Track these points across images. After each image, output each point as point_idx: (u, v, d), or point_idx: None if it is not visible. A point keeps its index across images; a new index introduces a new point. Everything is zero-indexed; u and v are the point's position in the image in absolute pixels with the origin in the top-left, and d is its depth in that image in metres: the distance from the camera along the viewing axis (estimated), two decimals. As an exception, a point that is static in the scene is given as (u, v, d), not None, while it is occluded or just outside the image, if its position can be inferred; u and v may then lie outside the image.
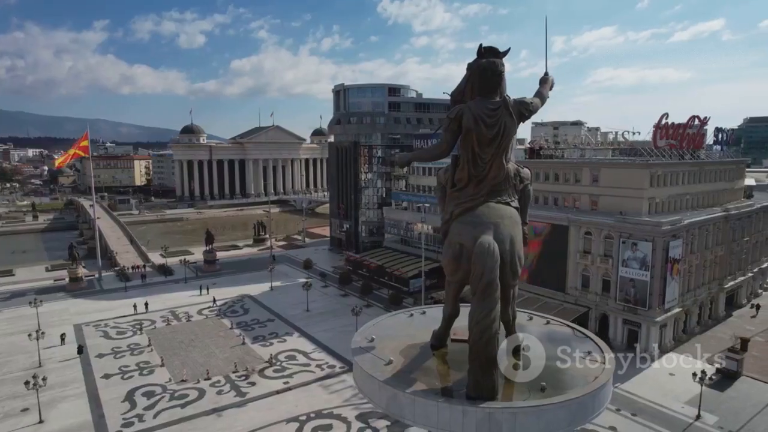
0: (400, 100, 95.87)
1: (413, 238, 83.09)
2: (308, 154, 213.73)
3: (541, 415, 13.95)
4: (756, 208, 62.79)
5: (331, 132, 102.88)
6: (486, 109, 15.14)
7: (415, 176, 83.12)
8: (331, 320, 61.02)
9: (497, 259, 14.17)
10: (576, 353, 16.75)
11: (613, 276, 51.23)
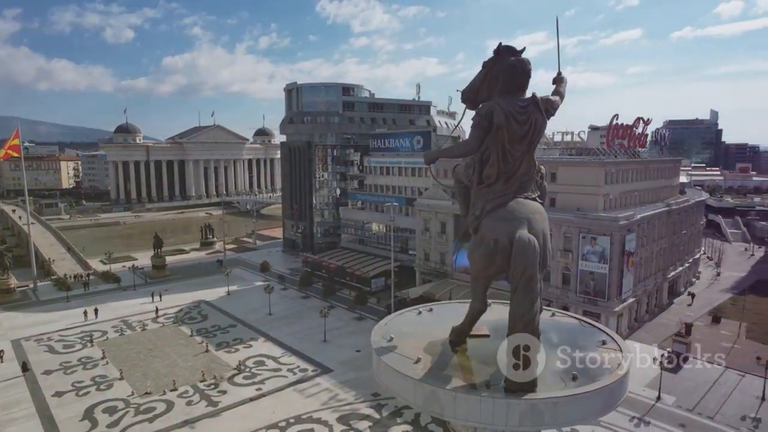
0: (354, 100, 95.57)
1: (371, 238, 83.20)
2: (251, 154, 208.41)
3: (579, 403, 14.28)
4: (691, 203, 67.91)
5: (283, 131, 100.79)
6: (516, 107, 15.33)
7: (372, 176, 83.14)
8: (295, 323, 59.81)
9: (538, 253, 14.44)
10: (590, 342, 17.36)
11: (573, 270, 53.65)
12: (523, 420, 14.61)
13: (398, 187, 78.75)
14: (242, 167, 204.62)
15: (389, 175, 79.80)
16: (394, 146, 78.74)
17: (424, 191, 72.76)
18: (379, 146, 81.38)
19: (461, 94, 18.33)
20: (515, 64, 15.68)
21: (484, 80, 17.13)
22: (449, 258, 66.52)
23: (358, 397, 41.69)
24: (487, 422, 15.04)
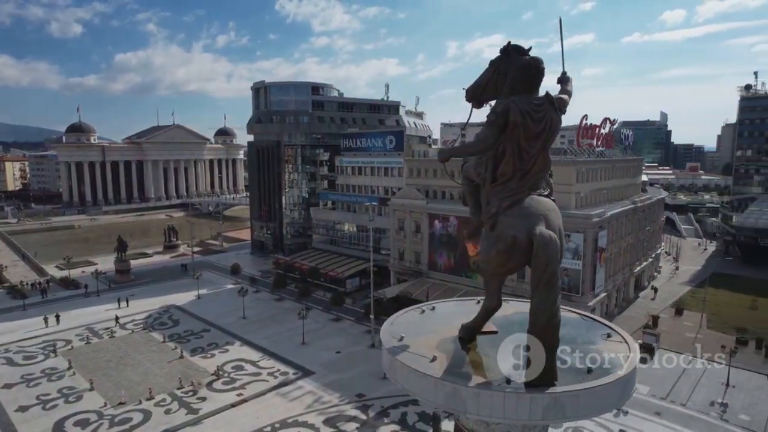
0: (324, 99, 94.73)
1: (343, 238, 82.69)
2: (213, 154, 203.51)
3: (599, 395, 14.57)
4: (654, 201, 70.85)
5: (251, 131, 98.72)
6: (532, 105, 15.46)
7: (344, 176, 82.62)
8: (271, 326, 58.71)
9: (559, 249, 14.65)
10: (596, 336, 17.76)
11: (547, 266, 54.87)
12: (547, 413, 14.77)
13: (371, 186, 78.55)
14: (203, 168, 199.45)
15: (361, 174, 79.47)
16: (366, 146, 78.48)
17: (397, 191, 72.89)
18: (350, 146, 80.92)
19: (466, 92, 18.33)
20: (530, 62, 15.81)
21: (491, 79, 17.22)
22: (424, 257, 66.94)
23: (343, 399, 41.28)
24: (512, 417, 15.14)
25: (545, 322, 14.28)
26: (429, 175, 68.55)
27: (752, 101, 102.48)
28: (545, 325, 14.28)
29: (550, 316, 14.35)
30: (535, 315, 14.47)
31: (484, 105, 18.60)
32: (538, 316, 14.40)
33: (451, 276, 63.47)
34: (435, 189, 67.70)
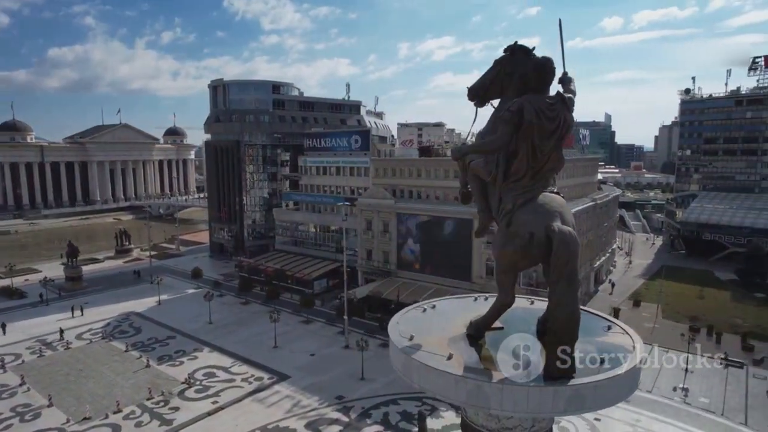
0: (285, 98, 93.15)
1: (308, 239, 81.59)
2: (162, 155, 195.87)
3: (614, 385, 15.03)
4: (610, 198, 74.07)
5: (208, 130, 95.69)
6: (545, 103, 15.72)
7: (308, 176, 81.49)
8: (240, 331, 57.07)
9: (578, 245, 14.98)
10: (597, 328, 18.33)
11: (515, 263, 56.23)
12: (568, 405, 15.08)
13: (336, 186, 77.91)
14: (153, 169, 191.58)
15: (326, 174, 78.66)
16: (330, 146, 77.73)
17: (364, 191, 72.67)
18: (314, 146, 79.91)
19: (468, 91, 18.46)
20: (543, 62, 16.06)
21: (496, 78, 17.41)
22: (393, 256, 67.05)
23: (323, 402, 40.66)
24: (534, 411, 15.37)
25: (566, 318, 14.54)
26: (396, 175, 68.73)
27: (691, 104, 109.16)
28: (566, 320, 14.53)
29: (571, 311, 14.64)
30: (556, 310, 14.71)
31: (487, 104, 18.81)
32: (558, 311, 14.64)
33: (421, 275, 63.91)
34: (402, 188, 67.94)
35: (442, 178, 64.49)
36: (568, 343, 14.48)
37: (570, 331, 14.50)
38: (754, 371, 46.14)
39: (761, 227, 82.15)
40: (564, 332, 14.44)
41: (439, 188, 64.81)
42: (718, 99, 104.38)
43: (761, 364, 47.85)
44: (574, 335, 14.68)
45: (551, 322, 14.68)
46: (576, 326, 14.71)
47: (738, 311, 62.04)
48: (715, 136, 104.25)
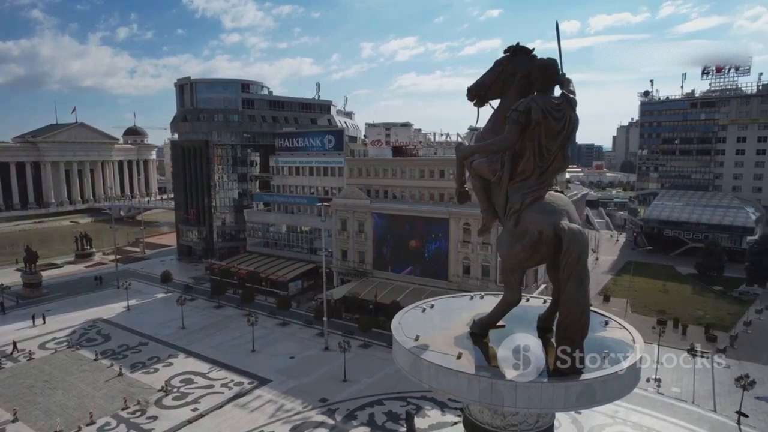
0: (255, 97, 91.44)
1: (281, 241, 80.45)
2: (122, 155, 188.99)
3: (621, 379, 15.44)
4: (579, 196, 76.16)
5: (175, 130, 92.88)
6: (552, 104, 15.99)
7: (280, 176, 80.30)
8: (215, 335, 55.68)
9: (588, 242, 15.30)
10: (595, 323, 18.74)
11: (492, 261, 57.12)
12: (580, 400, 15.43)
13: (310, 187, 77.12)
14: (112, 170, 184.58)
15: (299, 175, 77.72)
16: (303, 146, 76.85)
17: (338, 191, 72.22)
18: (286, 145, 78.83)
19: (468, 91, 18.64)
20: (548, 63, 16.32)
21: (497, 78, 17.61)
22: (369, 256, 66.89)
23: (306, 405, 40.13)
24: (547, 406, 15.62)
25: (579, 314, 14.84)
26: (371, 175, 68.60)
27: (650, 106, 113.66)
28: (578, 316, 14.84)
29: (583, 308, 14.99)
30: (568, 306, 14.98)
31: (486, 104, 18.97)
32: (570, 308, 14.92)
33: (397, 275, 64.00)
34: (377, 188, 67.87)
35: (417, 177, 64.78)
36: (579, 338, 14.83)
37: (582, 326, 14.84)
38: (718, 360, 48.35)
39: (717, 223, 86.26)
40: (576, 328, 14.74)
41: (414, 188, 65.07)
42: (674, 101, 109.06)
43: (724, 353, 50.23)
44: (585, 330, 15.04)
45: (563, 318, 14.93)
46: (587, 322, 15.07)
47: (699, 304, 64.93)
48: (672, 136, 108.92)
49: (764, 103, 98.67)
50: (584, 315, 14.85)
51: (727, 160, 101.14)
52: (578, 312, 14.72)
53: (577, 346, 14.73)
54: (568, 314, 14.83)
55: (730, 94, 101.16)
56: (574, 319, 14.70)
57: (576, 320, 14.72)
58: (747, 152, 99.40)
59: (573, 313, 14.72)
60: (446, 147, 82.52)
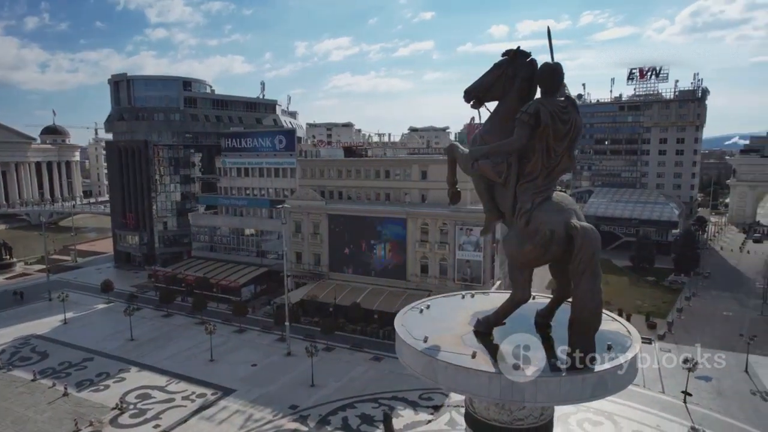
0: (197, 96, 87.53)
1: (230, 244, 77.72)
2: (40, 156, 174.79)
3: (628, 369, 16.26)
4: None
5: (110, 129, 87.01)
6: (558, 106, 16.54)
7: (228, 178, 77.49)
8: (168, 345, 52.77)
9: (600, 239, 15.96)
10: None
11: (450, 260, 58.23)
12: (595, 391, 16.11)
13: (260, 188, 74.98)
14: (28, 172, 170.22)
15: (249, 176, 75.38)
16: (252, 146, 74.56)
17: (290, 192, 70.79)
18: (234, 146, 76.16)
19: (466, 93, 18.90)
20: (555, 67, 16.84)
21: (497, 80, 17.99)
22: (324, 258, 66.05)
23: (276, 413, 39.00)
24: (565, 399, 16.19)
25: (595, 307, 15.46)
26: (325, 176, 67.79)
27: (582, 108, 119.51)
28: (595, 309, 15.46)
29: (599, 301, 15.62)
30: (584, 301, 15.54)
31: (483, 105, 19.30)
32: (587, 301, 15.49)
33: (354, 276, 63.68)
34: (332, 189, 67.18)
35: (372, 178, 64.77)
36: (594, 330, 15.46)
37: (597, 319, 15.48)
38: (660, 345, 52.10)
39: (646, 218, 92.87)
40: (592, 321, 15.35)
41: (370, 188, 65.00)
42: (604, 104, 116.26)
43: (664, 339, 54.23)
44: (599, 324, 15.70)
45: (579, 312, 15.44)
46: (600, 315, 15.76)
47: (637, 294, 69.62)
48: (603, 137, 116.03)
49: (681, 107, 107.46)
50: (599, 309, 15.47)
51: (651, 160, 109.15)
52: (594, 306, 15.29)
53: (592, 340, 15.37)
54: (583, 308, 15.34)
55: (653, 99, 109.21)
56: (590, 313, 15.25)
57: (592, 314, 15.30)
58: (668, 152, 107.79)
59: (589, 308, 15.27)
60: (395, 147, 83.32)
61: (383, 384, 43.58)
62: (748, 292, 70.39)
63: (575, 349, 15.30)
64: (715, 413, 39.11)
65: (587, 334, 15.35)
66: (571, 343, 15.46)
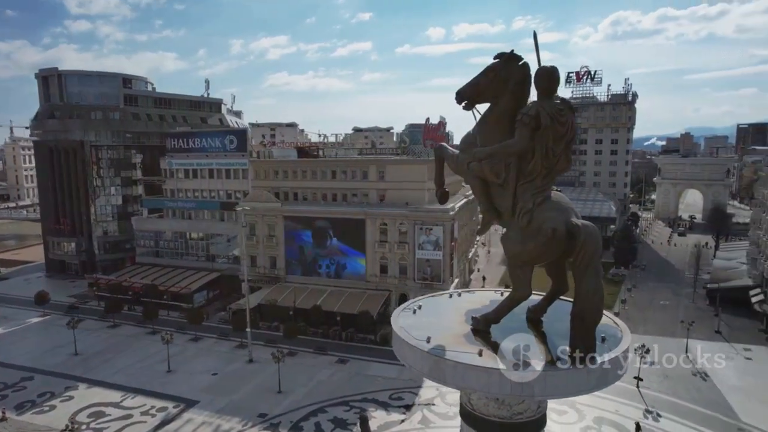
0: (138, 93, 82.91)
1: (177, 249, 74.32)
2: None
3: (626, 360, 17.13)
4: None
5: (39, 128, 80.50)
6: (556, 108, 17.12)
7: (174, 180, 73.98)
8: (117, 358, 49.64)
9: (600, 237, 16.66)
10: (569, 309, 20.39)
11: (410, 259, 58.66)
12: (598, 382, 16.83)
13: (210, 190, 72.17)
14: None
15: (198, 178, 72.34)
16: (201, 146, 71.57)
17: (242, 194, 68.70)
18: (181, 146, 72.78)
19: (458, 95, 19.19)
20: (552, 70, 17.39)
21: (491, 83, 18.35)
22: (281, 261, 64.62)
23: (245, 423, 37.72)
24: (572, 391, 16.84)
25: (597, 302, 16.14)
26: (279, 177, 66.30)
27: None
28: (597, 304, 16.15)
29: (601, 296, 16.33)
30: (588, 296, 16.16)
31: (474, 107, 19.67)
32: (590, 296, 16.12)
33: (312, 278, 62.78)
34: (287, 190, 65.84)
35: (329, 179, 64.10)
36: (596, 324, 16.11)
37: (599, 313, 16.15)
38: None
39: (587, 215, 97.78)
40: (595, 315, 15.99)
41: (327, 189, 64.28)
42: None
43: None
44: (601, 317, 16.41)
45: (582, 306, 15.99)
46: (602, 309, 16.47)
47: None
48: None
49: (614, 110, 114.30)
50: (601, 303, 16.11)
51: (588, 160, 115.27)
52: (597, 300, 15.91)
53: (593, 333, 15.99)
54: (586, 303, 15.89)
55: (589, 101, 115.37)
56: (593, 307, 15.83)
57: (595, 308, 15.91)
58: (603, 152, 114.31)
59: (592, 302, 15.83)
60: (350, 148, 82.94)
61: (352, 386, 43.27)
62: (679, 282, 75.92)
63: (577, 342, 15.79)
64: (664, 395, 41.84)
65: (589, 327, 15.92)
66: (574, 337, 15.96)
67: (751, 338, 53.33)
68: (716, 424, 37.32)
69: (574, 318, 16.25)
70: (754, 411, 38.94)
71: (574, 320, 16.28)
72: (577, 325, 16.00)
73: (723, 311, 58.33)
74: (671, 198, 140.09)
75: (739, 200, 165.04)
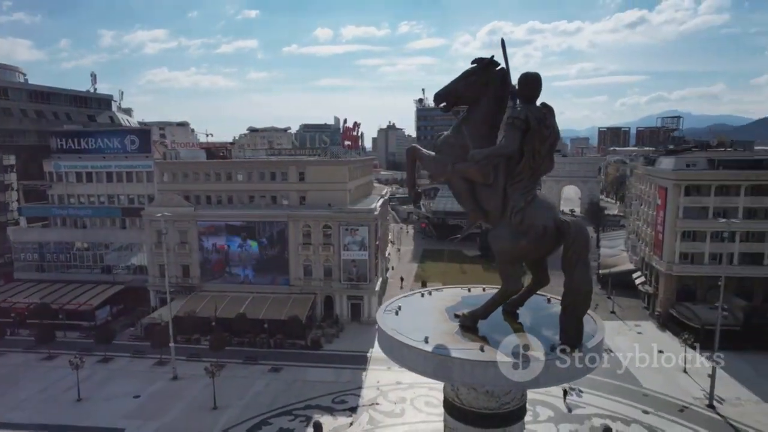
0: (8, 86, 72.33)
1: (69, 261, 66.41)
2: None
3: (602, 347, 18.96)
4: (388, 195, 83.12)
5: None
6: (540, 112, 18.46)
7: (63, 184, 65.80)
8: (12, 391, 43.18)
9: (588, 232, 18.24)
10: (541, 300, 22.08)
11: (335, 260, 58.32)
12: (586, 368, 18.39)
13: (108, 195, 65.37)
14: None
15: (93, 182, 65.11)
16: (97, 147, 64.54)
17: (147, 199, 63.34)
18: (70, 147, 64.97)
19: (436, 97, 20.15)
20: (535, 76, 18.69)
21: (469, 87, 19.35)
22: (195, 269, 60.70)
23: (184, 445, 35.02)
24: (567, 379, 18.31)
25: (587, 293, 17.76)
26: (190, 179, 62.17)
27: (423, 111, 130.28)
28: (587, 295, 17.75)
29: (590, 288, 17.93)
30: (579, 287, 17.70)
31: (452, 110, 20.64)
32: (581, 288, 17.68)
33: (231, 284, 59.84)
34: (198, 194, 61.96)
35: (246, 181, 61.51)
36: (584, 313, 17.66)
37: (588, 303, 17.66)
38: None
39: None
40: (585, 305, 17.50)
41: (243, 191, 61.61)
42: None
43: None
44: (589, 306, 17.95)
45: (572, 297, 17.37)
46: (591, 299, 18.01)
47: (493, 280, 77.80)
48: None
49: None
50: (590, 294, 17.62)
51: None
52: (586, 292, 17.38)
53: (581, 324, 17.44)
54: (577, 294, 17.24)
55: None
56: (583, 298, 17.28)
57: (585, 299, 17.37)
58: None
59: (582, 293, 17.24)
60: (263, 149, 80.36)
61: (291, 394, 42.10)
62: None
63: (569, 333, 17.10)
64: (580, 373, 46.20)
65: (579, 317, 17.33)
66: (564, 325, 17.27)
67: (638, 315, 60.97)
68: (626, 393, 42.19)
69: (565, 308, 17.52)
70: (651, 378, 44.53)
71: (565, 310, 17.55)
72: (569, 313, 17.27)
73: (615, 294, 65.83)
74: (554, 194, 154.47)
75: (605, 195, 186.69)
